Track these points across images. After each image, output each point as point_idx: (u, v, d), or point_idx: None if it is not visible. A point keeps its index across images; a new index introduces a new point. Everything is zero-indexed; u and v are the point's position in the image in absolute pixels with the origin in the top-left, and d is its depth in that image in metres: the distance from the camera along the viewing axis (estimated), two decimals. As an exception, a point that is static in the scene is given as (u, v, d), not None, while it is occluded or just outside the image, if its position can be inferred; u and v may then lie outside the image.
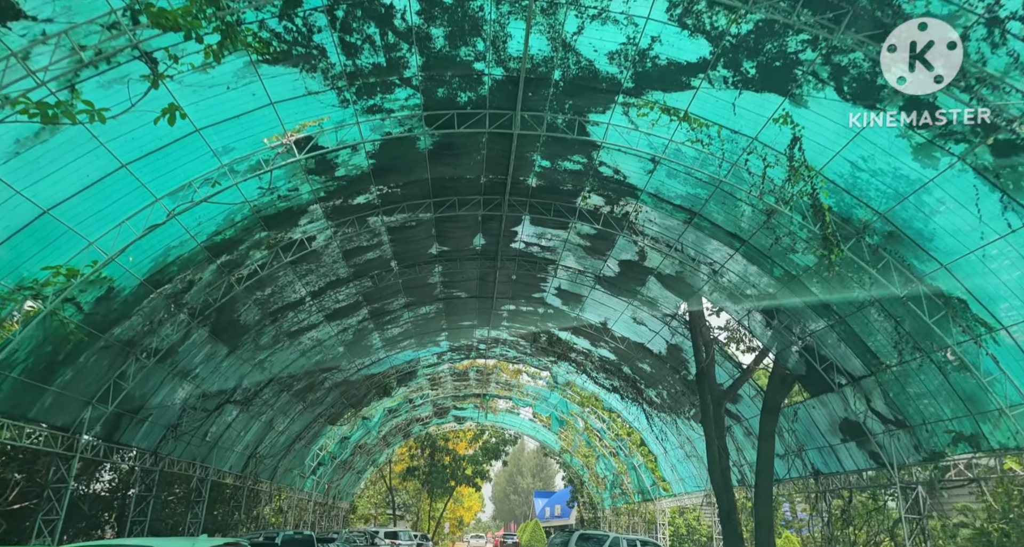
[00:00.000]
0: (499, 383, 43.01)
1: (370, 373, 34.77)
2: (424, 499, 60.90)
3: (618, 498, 46.01)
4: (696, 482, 31.67)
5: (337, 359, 29.87)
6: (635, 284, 23.22)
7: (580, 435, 45.52)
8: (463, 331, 33.02)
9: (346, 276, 22.80)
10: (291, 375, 27.58)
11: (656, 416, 31.89)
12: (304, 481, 39.58)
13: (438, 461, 56.69)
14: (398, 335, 30.85)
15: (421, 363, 36.65)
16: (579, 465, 52.27)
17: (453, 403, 48.86)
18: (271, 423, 29.63)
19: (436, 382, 42.24)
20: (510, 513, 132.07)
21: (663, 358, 27.09)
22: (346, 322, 26.67)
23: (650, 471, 38.71)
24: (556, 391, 40.30)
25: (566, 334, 30.77)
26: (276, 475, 34.08)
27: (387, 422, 46.03)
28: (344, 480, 49.32)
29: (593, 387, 36.13)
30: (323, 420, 35.68)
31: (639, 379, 30.73)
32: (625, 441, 39.18)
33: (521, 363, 37.92)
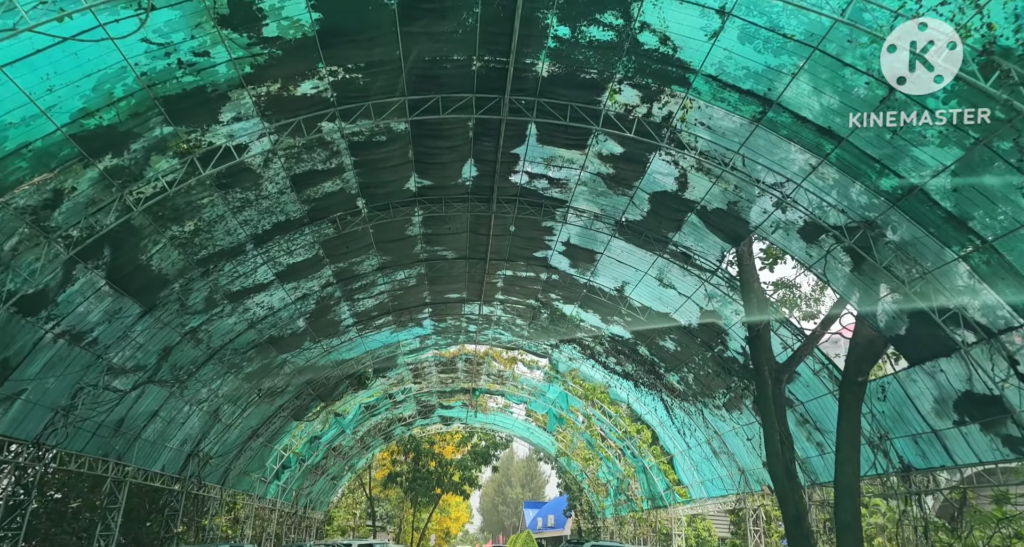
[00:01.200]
0: (491, 375, 37.72)
1: (341, 358, 29.41)
2: (407, 508, 55.22)
3: (622, 506, 40.72)
4: (726, 484, 26.48)
5: (298, 337, 24.52)
6: (668, 228, 18.14)
7: (581, 435, 40.26)
8: (450, 308, 27.78)
9: (299, 216, 17.56)
10: (238, 351, 22.20)
11: (678, 406, 26.73)
12: (266, 487, 34.01)
13: (422, 466, 51.17)
14: (372, 309, 25.57)
15: (401, 348, 31.34)
16: (577, 470, 46.95)
17: (439, 401, 43.48)
18: (216, 414, 24.19)
19: (420, 373, 36.90)
20: (499, 524, 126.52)
21: (692, 332, 21.98)
22: (305, 286, 21.38)
23: (663, 474, 33.51)
24: (556, 382, 35.08)
25: (572, 307, 25.62)
26: (228, 479, 28.57)
27: (364, 421, 40.56)
28: (316, 487, 43.69)
29: (601, 375, 30.95)
30: (285, 414, 30.23)
31: (659, 362, 25.59)
32: (634, 440, 33.98)
33: (516, 349, 32.69)
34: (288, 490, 37.47)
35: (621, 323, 24.78)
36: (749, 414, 22.36)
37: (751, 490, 24.80)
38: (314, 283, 21.52)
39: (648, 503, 36.40)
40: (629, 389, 30.10)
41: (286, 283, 20.45)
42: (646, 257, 20.06)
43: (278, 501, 36.18)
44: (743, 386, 21.58)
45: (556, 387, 35.58)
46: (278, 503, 36.27)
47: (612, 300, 23.16)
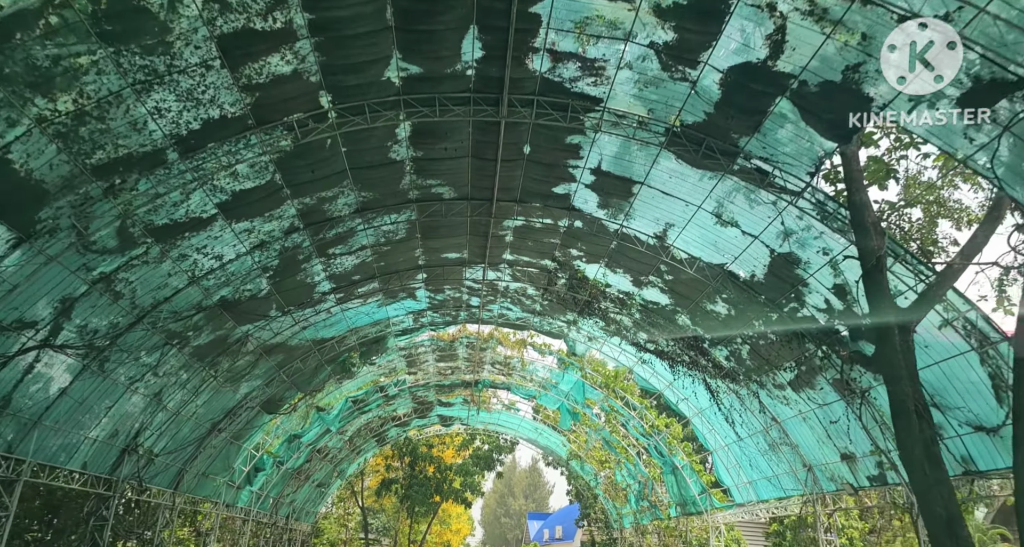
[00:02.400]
0: (496, 364, 32.73)
1: (319, 337, 24.46)
2: (403, 519, 49.92)
3: (644, 513, 35.57)
4: (784, 484, 21.39)
5: (261, 303, 19.62)
6: (740, 129, 13.30)
7: (598, 432, 35.20)
8: (449, 274, 22.85)
9: (239, 113, 12.69)
10: (179, 316, 17.26)
11: (725, 389, 21.74)
12: (236, 493, 28.91)
13: (420, 472, 45.99)
14: (353, 271, 20.66)
15: (392, 325, 26.37)
16: (591, 474, 41.82)
17: (437, 396, 38.45)
18: (158, 398, 19.21)
19: (414, 361, 31.89)
20: (501, 537, 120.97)
21: (755, 287, 17.08)
22: (263, 229, 16.49)
23: (696, 475, 28.47)
24: (571, 369, 30.10)
25: (597, 268, 20.71)
26: (183, 482, 23.51)
27: (352, 419, 35.49)
28: (300, 494, 38.51)
29: (626, 358, 25.98)
30: (254, 406, 25.21)
31: (703, 333, 20.66)
32: (663, 435, 28.95)
33: (527, 328, 27.70)
34: (264, 497, 32.33)
35: (658, 284, 19.86)
36: (827, 392, 17.42)
37: (822, 490, 19.80)
38: (273, 226, 16.63)
39: (677, 510, 31.30)
40: (661, 372, 25.11)
41: (235, 221, 15.56)
42: (701, 184, 15.20)
43: (252, 510, 31.04)
44: (823, 355, 16.66)
45: (571, 375, 30.59)
46: (252, 512, 31.13)
47: (650, 251, 18.25)
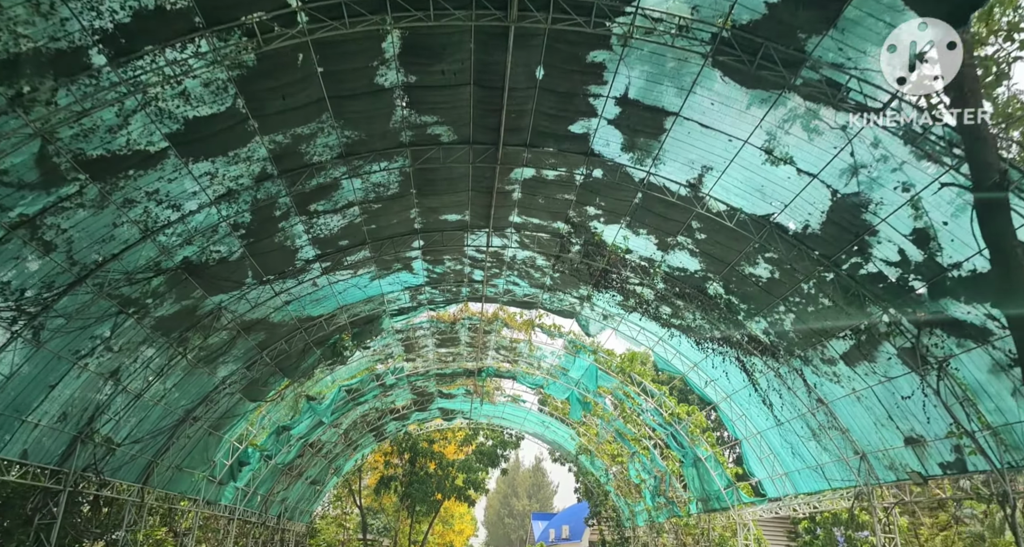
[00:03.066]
0: (501, 349, 30.12)
1: (306, 315, 21.88)
2: (403, 518, 47.25)
3: (661, 510, 32.90)
4: (831, 474, 18.69)
5: (233, 268, 17.02)
6: (809, 27, 10.71)
7: (611, 422, 32.53)
8: (449, 241, 20.19)
9: (177, 2, 10.15)
10: (133, 278, 14.66)
11: (763, 367, 19.09)
12: (220, 489, 26.28)
13: (420, 468, 43.35)
14: (341, 235, 18.06)
15: (387, 304, 23.76)
16: (602, 469, 39.16)
17: (438, 387, 35.85)
18: (116, 377, 16.60)
19: (412, 346, 29.28)
20: (505, 538, 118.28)
21: (808, 240, 14.46)
22: (228, 172, 13.90)
23: (721, 467, 25.83)
24: (583, 353, 27.47)
25: (617, 229, 18.09)
26: (154, 476, 20.91)
27: (347, 410, 32.89)
28: (293, 492, 35.88)
29: (647, 336, 23.33)
30: (235, 392, 22.61)
31: (738, 303, 18.04)
32: (684, 424, 26.30)
33: (535, 306, 25.05)
34: (252, 495, 29.71)
35: (688, 246, 17.24)
36: (892, 365, 14.77)
37: (878, 480, 17.13)
38: (241, 170, 14.03)
39: (698, 506, 28.63)
40: (685, 353, 22.47)
41: (192, 159, 12.96)
42: (750, 112, 12.59)
43: (238, 508, 28.40)
44: (890, 320, 14.02)
45: (583, 360, 27.96)
46: (238, 511, 28.48)
47: (683, 203, 15.62)
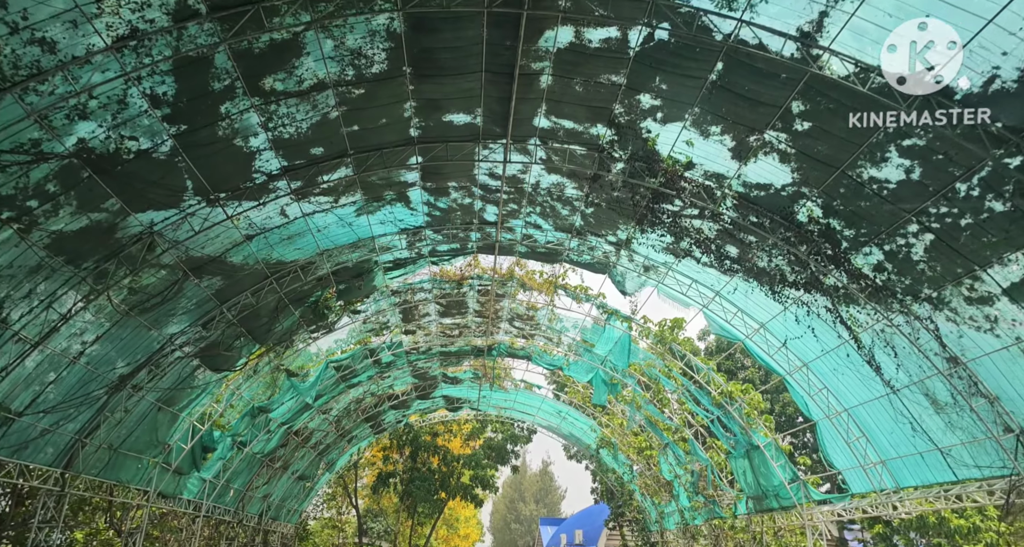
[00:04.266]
0: (516, 320, 25.40)
1: (275, 258, 17.26)
2: (404, 520, 42.41)
3: (701, 511, 28.02)
4: (968, 459, 13.85)
5: (162, 169, 12.42)
6: None
7: (641, 409, 27.72)
8: (455, 156, 15.50)
9: None
10: None
11: (869, 316, 14.28)
12: (179, 480, 21.60)
13: (423, 464, 38.59)
14: (312, 136, 13.41)
15: (378, 251, 19.10)
16: (626, 465, 34.31)
17: (441, 369, 31.18)
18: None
19: (411, 314, 24.58)
20: (511, 544, 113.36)
21: (986, 101, 9.72)
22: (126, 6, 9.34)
23: (784, 456, 20.99)
24: (613, 321, 22.69)
25: (677, 131, 13.41)
26: (79, 459, 16.28)
27: (338, 394, 28.23)
28: (277, 488, 31.20)
29: (699, 291, 18.55)
30: (188, 356, 17.96)
31: (840, 228, 13.30)
32: (737, 405, 21.49)
33: (558, 258, 20.32)
34: (223, 488, 25.02)
35: (780, 145, 12.53)
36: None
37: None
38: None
39: (749, 505, 23.74)
40: (751, 310, 17.71)
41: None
42: None
43: (205, 504, 23.70)
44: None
45: (613, 330, 23.18)
46: (206, 507, 23.77)
47: (792, 63, 10.91)
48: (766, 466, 21.37)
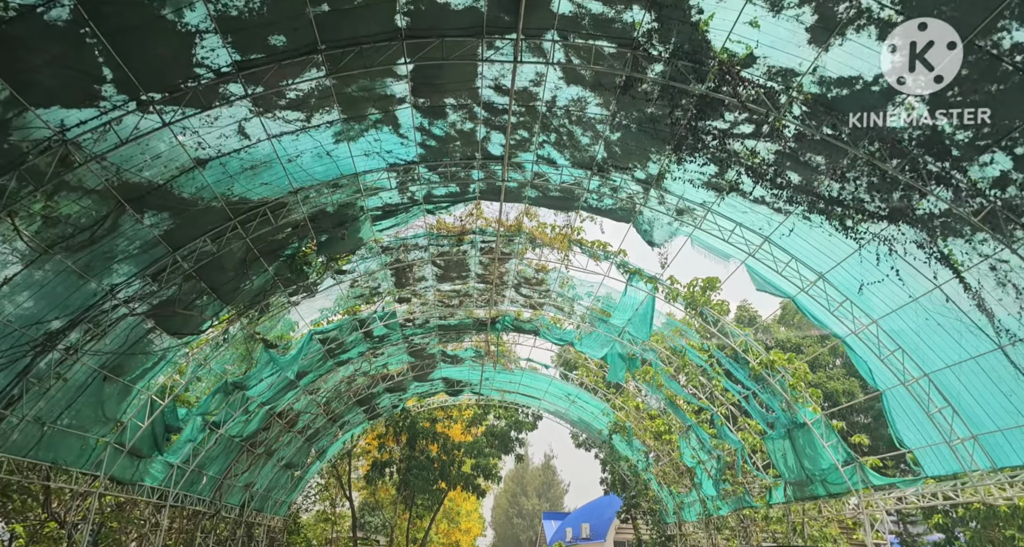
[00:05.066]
0: (524, 285, 22.32)
1: (239, 196, 14.17)
2: (401, 513, 39.38)
3: (728, 499, 24.97)
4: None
5: (56, 40, 9.39)
6: None
7: (663, 386, 24.67)
8: (452, 52, 12.46)
9: None
10: None
11: (976, 251, 11.22)
12: (140, 465, 18.55)
13: (421, 452, 35.56)
14: (268, 15, 10.39)
15: (363, 190, 15.98)
16: (641, 452, 31.26)
17: (440, 345, 28.15)
18: None
19: (405, 277, 21.49)
20: (513, 539, 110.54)
21: None
22: None
23: (836, 435, 17.90)
24: (636, 282, 19.58)
25: (739, 8, 10.34)
26: (8, 439, 13.26)
27: (325, 371, 25.19)
28: (261, 477, 28.18)
29: (744, 237, 15.45)
30: (136, 311, 14.90)
31: (948, 133, 10.24)
32: (780, 377, 18.42)
33: (572, 205, 17.22)
34: (194, 475, 21.99)
35: (884, 12, 9.44)
36: None
37: None
38: None
39: (788, 492, 20.68)
40: (805, 256, 14.61)
41: None
42: None
43: (173, 492, 20.64)
44: None
45: (634, 295, 20.09)
46: (173, 496, 20.72)
47: None
48: (813, 446, 18.31)
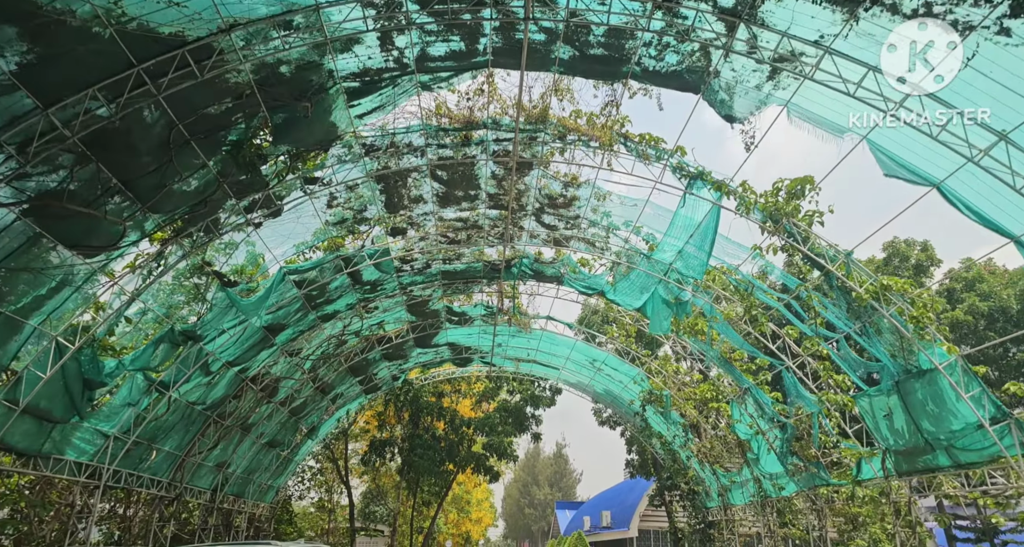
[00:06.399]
0: (548, 206, 17.55)
1: (139, 21, 9.52)
2: (405, 500, 34.79)
3: (797, 478, 20.21)
4: None
5: None
6: None
7: (717, 341, 19.91)
8: None
9: None
10: None
11: None
12: (55, 433, 13.95)
13: (425, 430, 30.97)
14: None
15: (329, 38, 11.30)
16: (679, 425, 26.54)
17: (446, 301, 23.52)
18: None
19: (397, 195, 16.69)
20: (525, 529, 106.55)
21: None
22: None
23: (979, 382, 13.09)
24: (697, 188, 14.77)
25: None
26: None
27: (306, 327, 20.57)
28: (237, 456, 23.62)
29: (877, 89, 10.69)
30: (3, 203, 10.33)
31: None
32: (892, 311, 13.63)
33: (621, 71, 12.47)
34: (143, 451, 17.42)
35: None
36: None
37: None
38: None
39: (889, 465, 15.88)
40: (982, 100, 9.85)
41: None
42: None
43: (108, 469, 16.02)
44: None
45: (694, 208, 15.28)
46: (107, 475, 16.10)
47: None
48: (939, 401, 13.53)
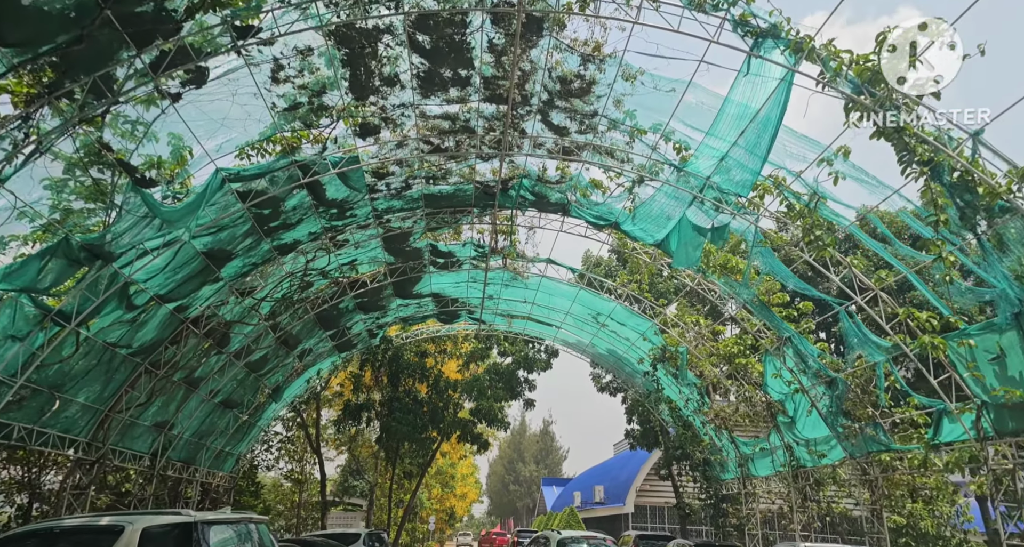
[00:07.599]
0: (559, 95, 13.79)
1: None
2: (383, 470, 31.22)
3: (850, 442, 16.83)
4: None
5: None
6: None
7: (755, 280, 16.39)
8: None
9: None
10: None
11: None
12: None
13: (406, 393, 27.36)
14: None
15: None
16: (694, 386, 23.12)
17: (429, 233, 19.80)
18: None
19: (365, 66, 12.85)
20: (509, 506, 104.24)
21: None
22: None
23: None
24: (766, 49, 11.11)
25: None
26: None
27: (265, 264, 16.76)
28: (183, 414, 19.89)
29: None
30: None
31: None
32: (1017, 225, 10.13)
33: None
34: (43, 400, 13.64)
35: None
36: None
37: None
38: None
39: (984, 425, 12.47)
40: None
41: None
42: None
43: (13, 427, 12.24)
44: None
45: (750, 88, 11.59)
46: (16, 432, 12.33)
47: None
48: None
